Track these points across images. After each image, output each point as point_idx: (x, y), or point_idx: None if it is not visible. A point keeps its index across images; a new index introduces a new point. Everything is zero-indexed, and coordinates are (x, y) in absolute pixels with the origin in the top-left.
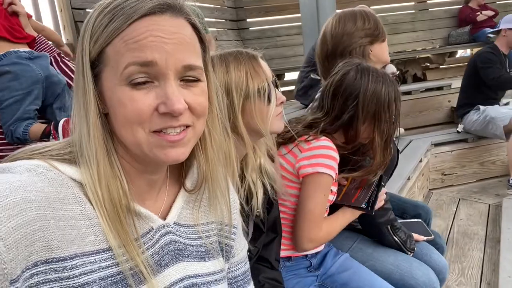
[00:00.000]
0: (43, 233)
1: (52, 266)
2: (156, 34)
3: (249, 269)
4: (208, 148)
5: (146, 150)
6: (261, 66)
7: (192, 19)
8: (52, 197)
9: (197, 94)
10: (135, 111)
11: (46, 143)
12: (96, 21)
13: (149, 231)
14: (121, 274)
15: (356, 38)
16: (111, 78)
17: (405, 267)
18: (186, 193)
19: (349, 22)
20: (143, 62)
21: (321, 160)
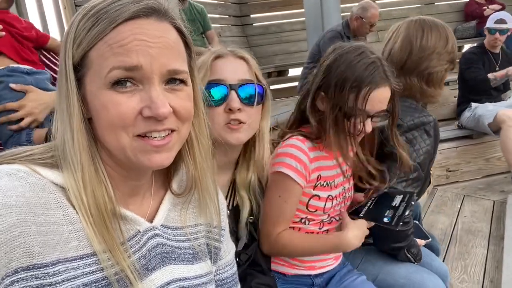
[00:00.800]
0: (24, 239)
1: (33, 272)
2: (140, 38)
3: (236, 272)
4: (196, 153)
5: (130, 155)
6: (210, 65)
7: (177, 24)
8: (33, 202)
9: (182, 98)
10: (119, 114)
11: (26, 147)
12: (79, 24)
13: (135, 234)
14: (106, 279)
15: (443, 61)
16: (95, 82)
17: (417, 280)
18: (173, 196)
19: (442, 39)
20: (128, 67)
21: (281, 158)
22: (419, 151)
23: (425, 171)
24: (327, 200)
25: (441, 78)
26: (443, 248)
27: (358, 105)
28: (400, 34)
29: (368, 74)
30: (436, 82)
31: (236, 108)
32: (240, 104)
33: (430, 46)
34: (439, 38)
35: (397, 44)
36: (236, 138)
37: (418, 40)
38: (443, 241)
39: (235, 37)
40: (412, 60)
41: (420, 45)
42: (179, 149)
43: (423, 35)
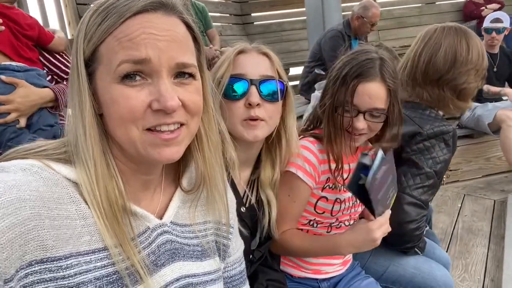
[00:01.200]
0: (38, 232)
1: (47, 265)
2: (148, 31)
3: (245, 269)
4: (205, 149)
5: (140, 148)
6: (233, 59)
7: (185, 18)
8: (46, 196)
9: (191, 92)
10: (128, 108)
11: (40, 142)
12: (90, 20)
13: (145, 231)
14: (117, 274)
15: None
16: (105, 77)
17: (426, 270)
18: (183, 193)
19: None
20: (136, 60)
21: (292, 159)
22: (436, 159)
23: (440, 179)
24: (335, 203)
25: (472, 93)
26: (444, 247)
27: (346, 96)
28: (443, 40)
29: (361, 67)
30: (467, 96)
31: (256, 103)
32: (260, 99)
33: (472, 62)
34: (479, 54)
35: (441, 51)
36: (253, 135)
37: (463, 53)
38: (443, 240)
39: (236, 36)
40: (454, 72)
41: (464, 59)
42: (188, 144)
43: (468, 49)
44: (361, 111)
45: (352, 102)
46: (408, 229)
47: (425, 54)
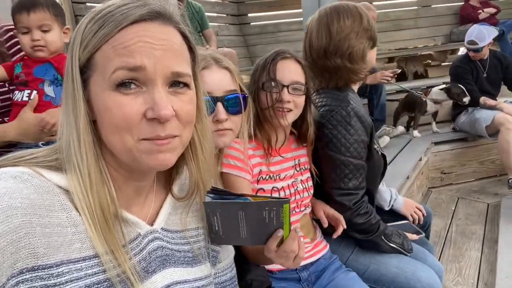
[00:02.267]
0: (29, 240)
1: (38, 273)
2: (145, 40)
3: (235, 275)
4: (199, 157)
5: (136, 156)
6: (203, 75)
7: (182, 28)
8: (37, 204)
9: (185, 102)
10: (123, 116)
11: (31, 150)
12: (86, 27)
13: (136, 237)
14: (108, 281)
15: (362, 39)
16: (99, 84)
17: (410, 270)
18: (173, 199)
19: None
20: (132, 67)
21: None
22: (346, 144)
23: (365, 158)
24: (272, 192)
25: (362, 54)
26: (438, 251)
27: (270, 74)
28: (315, 24)
29: (273, 53)
30: (359, 58)
31: (224, 119)
32: (226, 114)
33: (347, 26)
34: (353, 18)
35: (314, 33)
36: (223, 142)
37: (335, 24)
38: (437, 244)
39: (232, 36)
40: (333, 43)
41: (337, 28)
42: (181, 153)
43: (339, 18)
44: (285, 84)
45: (276, 78)
46: (349, 219)
47: (306, 43)
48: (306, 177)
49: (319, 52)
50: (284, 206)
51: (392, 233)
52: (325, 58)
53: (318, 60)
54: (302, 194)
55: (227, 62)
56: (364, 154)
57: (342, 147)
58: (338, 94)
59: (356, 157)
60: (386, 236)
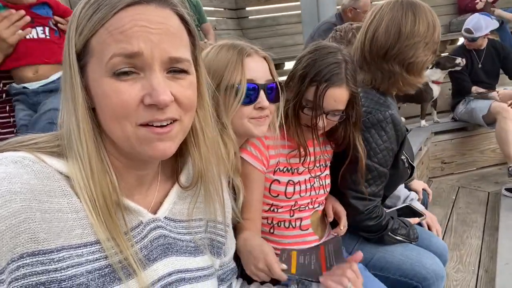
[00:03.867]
0: (29, 225)
1: (38, 258)
2: (141, 24)
3: (235, 265)
4: (201, 145)
5: (135, 144)
6: (243, 64)
7: (179, 11)
8: (38, 189)
9: (185, 87)
10: (120, 103)
11: (32, 135)
12: (81, 12)
13: (138, 225)
14: (109, 267)
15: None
16: (96, 70)
17: (415, 257)
18: (180, 189)
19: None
20: (128, 53)
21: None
22: (376, 149)
23: (390, 166)
24: (288, 185)
25: (422, 67)
26: None
27: (314, 99)
28: (385, 15)
29: (328, 71)
30: (417, 71)
31: (267, 106)
32: (267, 102)
33: (420, 34)
34: (428, 26)
35: (383, 26)
36: (261, 131)
37: (408, 26)
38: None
39: (230, 30)
40: (399, 47)
41: (410, 32)
42: (182, 140)
43: (415, 21)
44: (325, 112)
45: (321, 105)
46: (358, 221)
47: (369, 32)
48: (325, 174)
49: (380, 51)
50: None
51: (399, 226)
52: (383, 59)
53: (376, 57)
54: (317, 191)
55: (263, 51)
56: (390, 162)
57: (371, 151)
58: (379, 97)
59: (382, 164)
60: (392, 231)
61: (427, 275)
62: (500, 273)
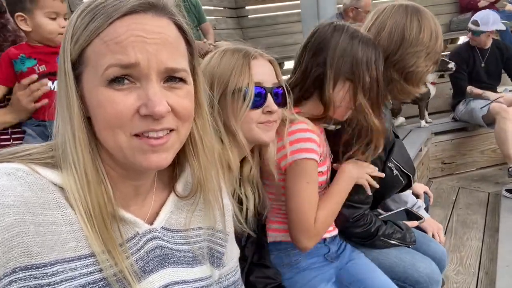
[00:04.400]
0: (22, 238)
1: (32, 272)
2: (137, 33)
3: (239, 279)
4: (200, 154)
5: (128, 154)
6: (250, 67)
7: (177, 20)
8: (31, 201)
9: (182, 97)
10: (115, 113)
11: (26, 146)
12: (77, 21)
13: (134, 236)
14: (103, 280)
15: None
16: (92, 79)
17: (408, 260)
18: (177, 198)
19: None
20: (125, 64)
21: (299, 145)
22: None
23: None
24: (327, 173)
25: (421, 78)
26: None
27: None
28: (388, 19)
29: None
30: (415, 81)
31: (275, 110)
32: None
33: (423, 43)
34: (431, 35)
35: (386, 30)
36: (270, 137)
37: (413, 33)
38: None
39: (230, 30)
40: (401, 53)
41: (414, 39)
42: (179, 149)
43: (420, 29)
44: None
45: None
46: (346, 228)
47: (370, 34)
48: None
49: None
50: None
51: (394, 231)
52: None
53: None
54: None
55: (268, 55)
56: (379, 169)
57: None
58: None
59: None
60: (386, 236)
61: (419, 278)
62: (501, 275)
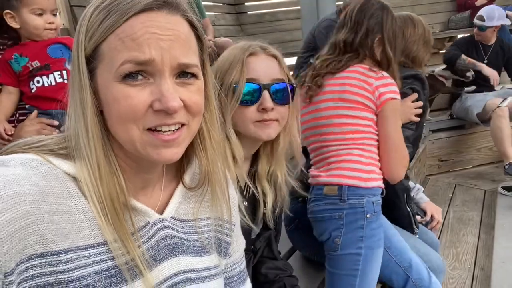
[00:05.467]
0: (38, 226)
1: (47, 259)
2: (151, 30)
3: (245, 269)
4: (208, 147)
5: (139, 148)
6: (244, 63)
7: (189, 17)
8: (46, 191)
9: (193, 92)
10: (129, 107)
11: (40, 136)
12: (91, 17)
13: (145, 226)
14: (116, 268)
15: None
16: (106, 75)
17: (423, 249)
18: (185, 189)
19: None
20: (141, 61)
21: (394, 87)
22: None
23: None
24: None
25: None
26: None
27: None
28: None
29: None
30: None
31: (270, 108)
32: (273, 103)
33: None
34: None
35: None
36: (267, 134)
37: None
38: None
39: (229, 26)
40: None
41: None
42: (188, 144)
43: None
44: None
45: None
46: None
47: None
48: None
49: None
50: None
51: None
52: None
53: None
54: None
55: (274, 50)
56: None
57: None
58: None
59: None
60: (408, 197)
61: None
62: (496, 271)
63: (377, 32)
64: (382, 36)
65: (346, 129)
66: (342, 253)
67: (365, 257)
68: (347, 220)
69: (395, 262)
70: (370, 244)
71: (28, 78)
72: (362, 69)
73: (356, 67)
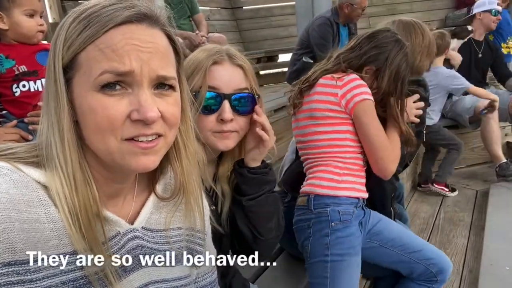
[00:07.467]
0: (8, 235)
1: (14, 268)
2: (132, 42)
3: (216, 279)
4: (183, 158)
5: (117, 158)
6: (208, 70)
7: (168, 31)
8: (17, 199)
9: (171, 104)
10: (107, 118)
11: (9, 144)
12: (70, 27)
13: (115, 236)
14: (84, 278)
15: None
16: (83, 85)
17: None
18: (156, 199)
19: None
20: (121, 72)
21: (361, 89)
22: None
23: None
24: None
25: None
26: (425, 237)
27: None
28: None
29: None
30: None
31: (229, 119)
32: (232, 114)
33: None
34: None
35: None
36: (225, 145)
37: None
38: (425, 230)
39: (224, 21)
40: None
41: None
42: (164, 154)
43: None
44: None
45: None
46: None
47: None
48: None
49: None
50: None
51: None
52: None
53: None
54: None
55: (242, 59)
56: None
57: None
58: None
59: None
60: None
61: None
62: (484, 274)
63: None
64: (381, 70)
65: (321, 144)
66: (312, 261)
67: (332, 264)
68: (314, 229)
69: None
70: (337, 251)
71: (13, 81)
72: (325, 81)
73: (321, 80)
